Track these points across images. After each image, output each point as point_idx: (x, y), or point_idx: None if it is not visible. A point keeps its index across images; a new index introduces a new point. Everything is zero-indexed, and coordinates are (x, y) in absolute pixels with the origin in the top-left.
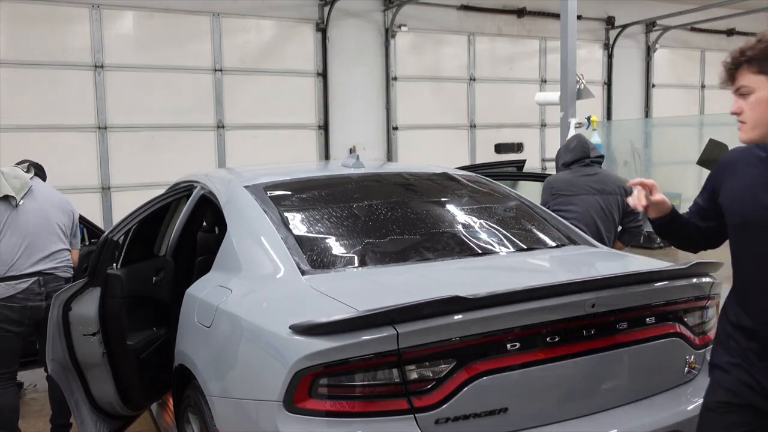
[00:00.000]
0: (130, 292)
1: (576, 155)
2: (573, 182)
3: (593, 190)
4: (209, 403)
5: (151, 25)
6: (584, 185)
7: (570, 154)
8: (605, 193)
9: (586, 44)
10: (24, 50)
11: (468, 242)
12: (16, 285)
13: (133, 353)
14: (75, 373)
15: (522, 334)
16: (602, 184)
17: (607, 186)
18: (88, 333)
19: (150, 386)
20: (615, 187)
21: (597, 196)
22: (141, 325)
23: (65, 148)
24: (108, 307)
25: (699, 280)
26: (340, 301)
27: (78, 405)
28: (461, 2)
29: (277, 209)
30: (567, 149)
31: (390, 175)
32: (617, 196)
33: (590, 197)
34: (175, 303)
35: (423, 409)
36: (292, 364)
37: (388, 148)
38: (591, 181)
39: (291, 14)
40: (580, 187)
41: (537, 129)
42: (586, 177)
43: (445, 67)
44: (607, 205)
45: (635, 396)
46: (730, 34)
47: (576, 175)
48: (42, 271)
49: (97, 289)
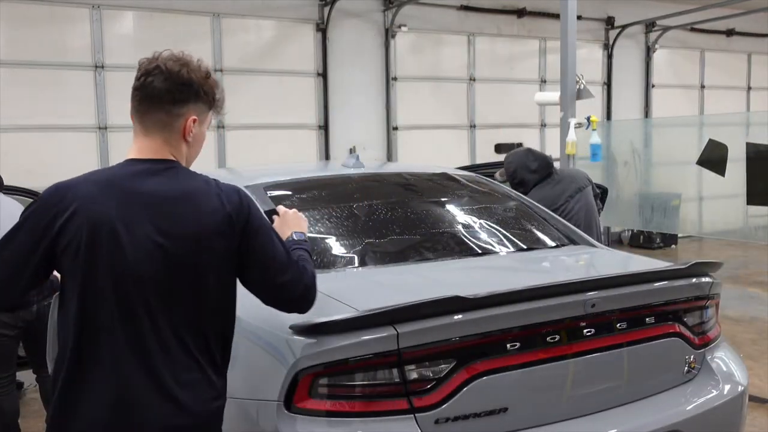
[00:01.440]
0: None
1: (543, 172)
2: (554, 197)
3: (573, 192)
4: None
5: (152, 26)
6: (562, 194)
7: (536, 174)
8: (582, 190)
9: (586, 44)
10: (24, 50)
11: (468, 242)
12: None
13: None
14: None
15: (522, 334)
16: (576, 183)
17: (579, 182)
18: None
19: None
20: (584, 180)
21: (578, 195)
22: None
23: (65, 148)
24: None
25: (699, 280)
26: (340, 301)
27: None
28: (461, 2)
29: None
30: (529, 170)
31: (390, 175)
32: (589, 186)
33: (574, 202)
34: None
35: (423, 409)
36: (292, 363)
37: (388, 148)
38: (566, 187)
39: (291, 14)
40: (562, 197)
41: (537, 129)
42: (560, 185)
43: (445, 68)
44: (588, 199)
45: (635, 396)
46: (729, 35)
47: (551, 188)
48: None
49: None
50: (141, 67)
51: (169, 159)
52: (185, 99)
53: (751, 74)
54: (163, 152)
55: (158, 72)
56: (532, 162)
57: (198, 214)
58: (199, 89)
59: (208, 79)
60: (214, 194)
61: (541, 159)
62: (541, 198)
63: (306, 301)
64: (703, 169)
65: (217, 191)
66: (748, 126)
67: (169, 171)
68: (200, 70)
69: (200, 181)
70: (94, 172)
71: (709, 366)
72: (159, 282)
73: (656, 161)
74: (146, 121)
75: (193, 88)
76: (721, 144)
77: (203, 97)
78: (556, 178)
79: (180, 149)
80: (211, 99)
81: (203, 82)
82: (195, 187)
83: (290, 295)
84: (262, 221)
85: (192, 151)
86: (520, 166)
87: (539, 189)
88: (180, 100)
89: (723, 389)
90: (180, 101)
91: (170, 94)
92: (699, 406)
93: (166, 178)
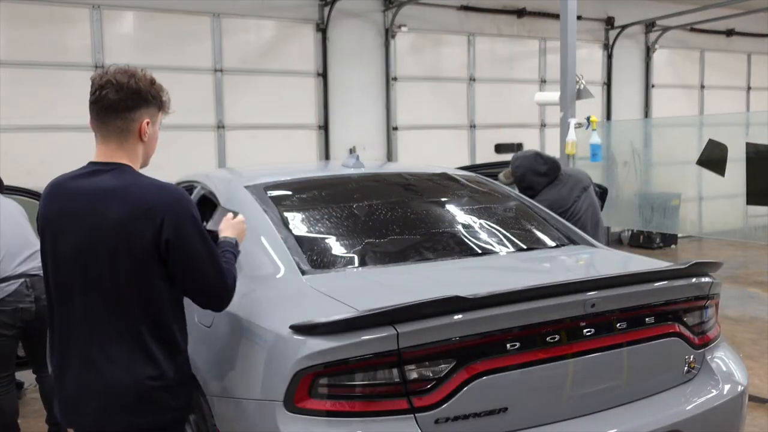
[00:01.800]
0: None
1: (552, 175)
2: (562, 199)
3: (579, 192)
4: (209, 403)
5: (152, 26)
6: (570, 195)
7: (546, 178)
8: (587, 189)
9: (586, 44)
10: (24, 50)
11: (468, 242)
12: (4, 288)
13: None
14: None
15: (522, 333)
16: (581, 183)
17: (584, 182)
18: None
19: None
20: (587, 180)
21: (583, 194)
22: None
23: (65, 148)
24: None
25: (698, 280)
26: (340, 301)
27: None
28: (461, 2)
29: (277, 209)
30: (538, 173)
31: (390, 175)
32: (591, 185)
33: (581, 203)
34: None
35: (423, 409)
36: (292, 363)
37: (388, 148)
38: (573, 188)
39: (291, 14)
40: (570, 198)
41: (537, 129)
42: (567, 186)
43: (445, 68)
44: (593, 198)
45: (635, 396)
46: (729, 35)
47: (558, 190)
48: (27, 273)
49: None
50: (94, 82)
51: (118, 162)
52: (137, 105)
53: (751, 74)
54: (116, 156)
55: (110, 85)
56: (541, 165)
57: (124, 206)
58: (147, 95)
59: (153, 85)
60: (145, 189)
61: (551, 162)
62: (550, 201)
63: (219, 299)
64: (702, 169)
65: (149, 188)
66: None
67: (114, 171)
68: (146, 78)
69: (139, 179)
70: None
71: (708, 366)
72: (85, 267)
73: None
74: (104, 129)
75: (142, 95)
76: (721, 144)
77: (152, 101)
78: (563, 180)
79: (136, 149)
80: (159, 102)
81: (150, 89)
82: (131, 182)
83: (206, 292)
84: (188, 219)
85: (149, 148)
86: (528, 170)
87: (548, 191)
88: (132, 107)
89: (723, 389)
90: (133, 108)
91: (123, 103)
92: (699, 406)
93: (109, 176)
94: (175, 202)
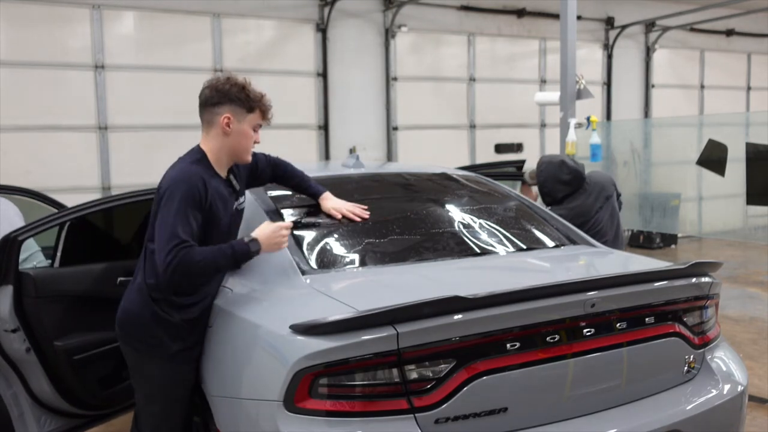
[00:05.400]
0: (66, 292)
1: (575, 186)
2: (584, 211)
3: (602, 203)
4: (209, 403)
5: (152, 26)
6: (592, 207)
7: (568, 187)
8: (609, 199)
9: (586, 44)
10: (24, 50)
11: (468, 242)
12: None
13: (63, 353)
14: (7, 367)
15: (522, 333)
16: (604, 191)
17: (607, 190)
18: (8, 329)
19: (100, 387)
20: (611, 188)
21: (605, 204)
22: (90, 326)
23: (65, 148)
24: (25, 305)
25: (698, 280)
26: (340, 301)
27: (16, 398)
28: (461, 2)
29: (277, 209)
30: (560, 182)
31: (390, 175)
32: (614, 192)
33: (602, 213)
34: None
35: (423, 409)
36: (292, 363)
37: (388, 148)
38: (596, 199)
39: (291, 14)
40: (592, 210)
41: (537, 129)
42: (590, 198)
43: (445, 68)
44: (614, 206)
45: (635, 396)
46: (729, 35)
47: (581, 201)
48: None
49: (8, 287)
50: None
51: (197, 146)
52: (220, 102)
53: (750, 74)
54: (201, 142)
55: (207, 86)
56: (565, 174)
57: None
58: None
59: (243, 89)
60: (170, 168)
61: (575, 172)
62: (571, 213)
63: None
64: (702, 169)
65: (171, 168)
66: (747, 126)
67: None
68: (237, 82)
69: (179, 161)
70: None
71: (708, 366)
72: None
73: (656, 161)
74: (201, 119)
75: (226, 95)
76: (720, 144)
77: (236, 101)
78: (587, 189)
79: (218, 141)
80: (247, 103)
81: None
82: (176, 161)
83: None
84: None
85: (233, 143)
86: (551, 176)
87: (570, 201)
88: (216, 103)
89: (722, 389)
90: (217, 104)
91: (211, 99)
92: (699, 406)
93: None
94: (171, 180)
